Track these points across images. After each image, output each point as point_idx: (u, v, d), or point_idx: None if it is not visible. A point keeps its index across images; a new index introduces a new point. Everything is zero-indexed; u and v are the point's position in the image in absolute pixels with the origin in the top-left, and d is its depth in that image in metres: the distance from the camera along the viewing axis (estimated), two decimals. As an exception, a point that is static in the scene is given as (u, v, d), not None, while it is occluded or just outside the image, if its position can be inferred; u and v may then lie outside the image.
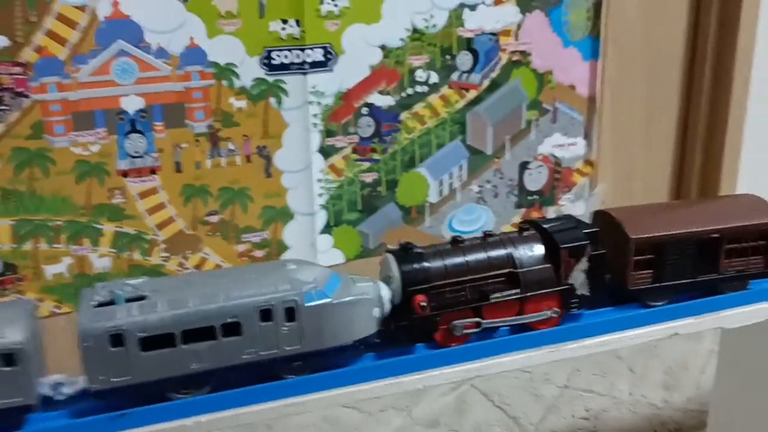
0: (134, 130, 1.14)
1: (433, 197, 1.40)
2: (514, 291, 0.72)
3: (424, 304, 0.68)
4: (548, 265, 0.73)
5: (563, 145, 1.48)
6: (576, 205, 1.53)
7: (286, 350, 0.65)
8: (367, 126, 1.30)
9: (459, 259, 0.71)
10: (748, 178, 1.60)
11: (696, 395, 1.15)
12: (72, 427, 0.64)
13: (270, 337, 0.65)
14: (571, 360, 0.72)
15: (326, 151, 1.28)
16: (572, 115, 1.46)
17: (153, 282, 0.66)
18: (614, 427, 1.09)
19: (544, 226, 0.76)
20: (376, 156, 1.33)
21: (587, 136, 1.49)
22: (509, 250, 0.73)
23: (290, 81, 1.22)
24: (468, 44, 1.33)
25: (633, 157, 1.56)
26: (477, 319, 0.70)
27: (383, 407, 1.14)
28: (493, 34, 1.34)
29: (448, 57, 1.32)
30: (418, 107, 1.33)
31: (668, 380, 1.23)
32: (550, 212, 1.50)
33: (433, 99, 1.34)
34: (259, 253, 1.28)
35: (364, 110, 1.29)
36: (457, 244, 0.73)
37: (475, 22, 1.32)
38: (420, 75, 1.31)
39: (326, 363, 0.69)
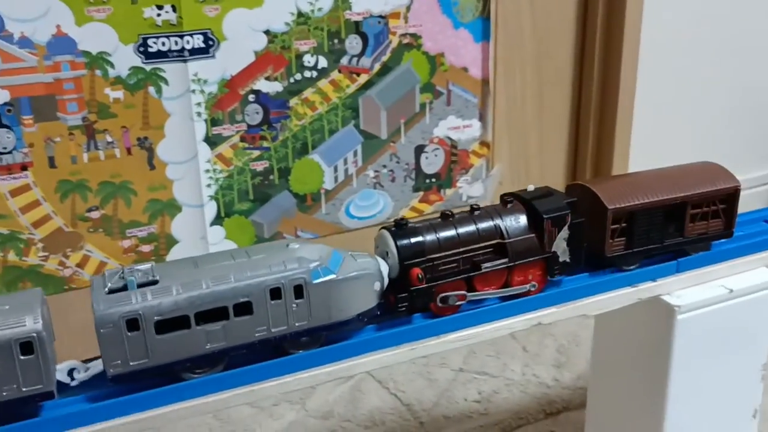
0: (0, 125, 1.08)
1: (328, 184, 1.38)
2: (502, 260, 0.76)
3: (421, 276, 0.71)
4: (532, 235, 0.77)
5: (458, 127, 1.48)
6: (473, 187, 1.54)
7: (295, 326, 0.68)
8: (255, 113, 1.27)
9: (451, 232, 0.75)
10: (640, 154, 1.64)
11: (585, 372, 1.17)
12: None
13: (280, 315, 0.67)
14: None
15: (212, 141, 1.25)
16: (466, 97, 1.46)
17: (161, 267, 0.67)
18: (504, 408, 1.10)
19: (526, 197, 0.80)
20: (266, 144, 1.30)
21: (482, 118, 1.49)
22: (496, 221, 0.77)
23: (170, 69, 1.17)
24: (356, 27, 1.31)
25: (528, 137, 1.58)
26: (468, 292, 0.75)
27: (276, 401, 1.12)
28: (382, 16, 1.32)
29: (336, 41, 1.30)
30: (308, 93, 1.31)
31: (560, 358, 1.26)
32: (465, 190, 1.51)
33: (323, 84, 1.32)
34: (146, 248, 1.24)
35: (251, 97, 1.26)
36: (447, 218, 0.76)
37: (362, 5, 1.29)
38: (308, 60, 1.29)
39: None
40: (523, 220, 0.77)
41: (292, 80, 1.29)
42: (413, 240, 0.72)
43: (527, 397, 1.14)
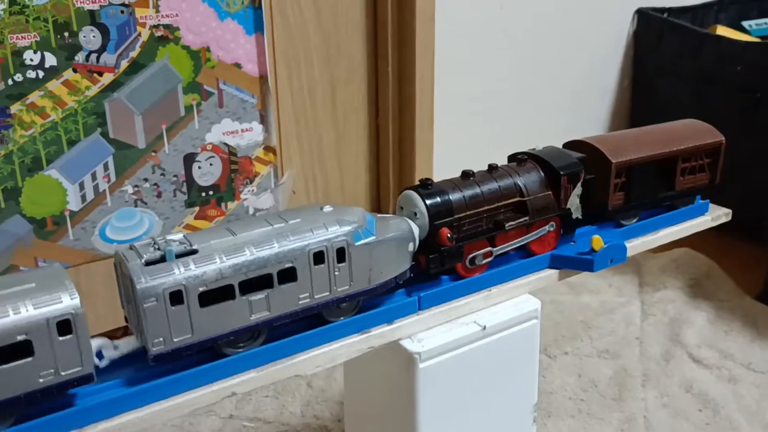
0: None
1: (74, 204, 1.16)
2: (523, 218, 0.76)
3: (451, 236, 0.70)
4: (549, 192, 0.78)
5: (236, 131, 1.30)
6: (261, 198, 1.37)
7: (337, 292, 0.64)
8: (-38, 124, 1.04)
9: (475, 191, 0.74)
10: (445, 150, 1.53)
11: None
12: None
13: (323, 280, 0.63)
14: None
15: None
16: (242, 97, 1.29)
17: (195, 236, 0.61)
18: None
19: (539, 155, 0.80)
20: (-18, 160, 1.07)
21: (264, 120, 1.32)
22: (515, 179, 0.77)
23: None
24: (92, 18, 1.10)
25: (321, 139, 1.42)
26: (492, 249, 0.75)
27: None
28: (125, 5, 1.12)
29: (67, 34, 1.08)
30: (35, 97, 1.09)
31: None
32: (252, 203, 1.33)
33: (55, 86, 1.10)
34: None
35: (-46, 105, 1.03)
36: (467, 177, 0.75)
37: (96, -8, 1.09)
38: (30, 57, 1.06)
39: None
40: (538, 177, 0.78)
41: (10, 82, 1.06)
42: (441, 199, 0.71)
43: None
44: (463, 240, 0.72)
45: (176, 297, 0.57)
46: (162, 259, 0.58)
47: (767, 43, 1.55)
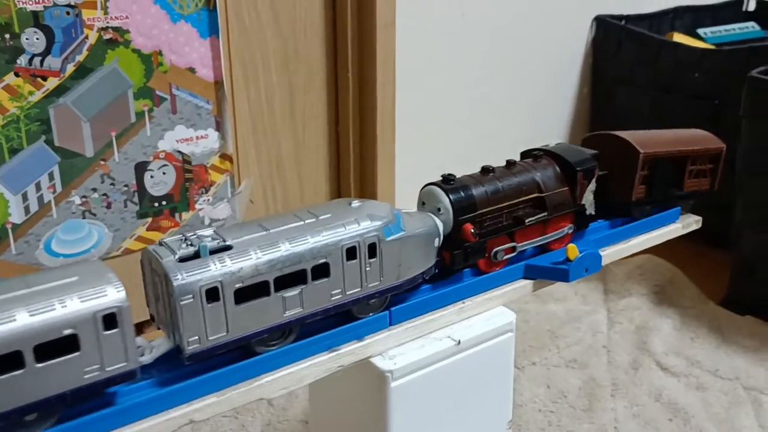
0: None
1: (16, 216, 1.09)
2: (542, 214, 0.76)
3: (474, 231, 0.70)
4: (566, 188, 0.79)
5: (191, 139, 1.24)
6: (218, 208, 1.32)
7: (368, 288, 0.64)
8: None
9: (496, 186, 0.74)
10: (407, 155, 1.49)
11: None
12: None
13: (354, 276, 0.62)
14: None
15: None
16: (197, 103, 1.23)
17: (226, 231, 0.60)
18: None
19: (554, 151, 0.80)
20: None
21: (220, 127, 1.27)
22: (533, 175, 0.77)
23: None
24: (36, 19, 1.04)
25: (280, 147, 1.38)
26: (513, 244, 0.75)
27: None
28: (71, 6, 1.06)
29: (8, 36, 1.02)
30: (-27, 103, 1.02)
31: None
32: (208, 213, 1.27)
33: (-5, 91, 1.03)
34: None
35: None
36: (487, 173, 0.75)
37: (40, -9, 1.03)
38: (-32, 60, 1.00)
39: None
40: (554, 173, 0.78)
41: (-54, 87, 0.99)
42: (465, 194, 0.71)
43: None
44: (485, 236, 0.72)
45: (212, 294, 0.55)
46: (196, 255, 0.56)
47: (725, 50, 1.56)
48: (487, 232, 0.72)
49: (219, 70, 1.24)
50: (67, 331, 0.49)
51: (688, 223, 0.93)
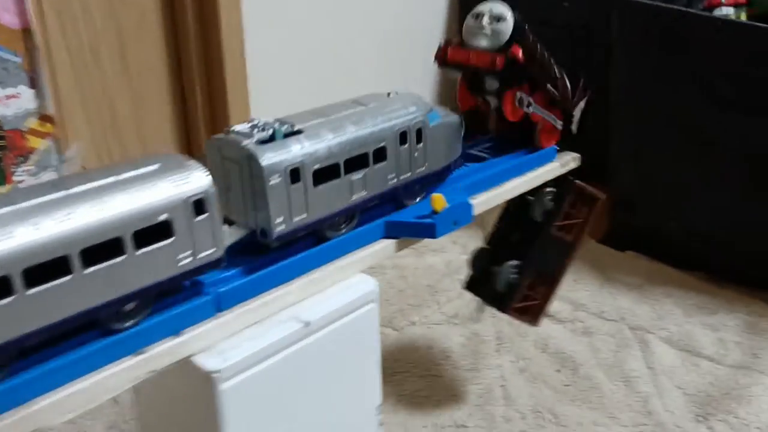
0: None
1: None
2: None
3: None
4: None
5: (-2, 99, 1.05)
6: (43, 179, 1.13)
7: (417, 173, 0.66)
8: None
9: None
10: (263, 93, 1.34)
11: None
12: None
13: (405, 160, 0.64)
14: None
15: None
16: (3, 56, 1.03)
17: (289, 118, 0.59)
18: None
19: None
20: None
21: (34, 84, 1.08)
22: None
23: None
24: None
25: (114, 101, 1.20)
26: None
27: None
28: None
29: None
30: None
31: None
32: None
33: None
34: None
35: None
36: None
37: None
38: None
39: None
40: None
41: None
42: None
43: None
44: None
45: (295, 174, 0.56)
46: (271, 140, 0.56)
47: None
48: None
49: (25, 15, 1.04)
50: (162, 217, 0.48)
51: (566, 161, 0.84)
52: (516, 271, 0.85)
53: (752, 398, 0.96)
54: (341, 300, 0.58)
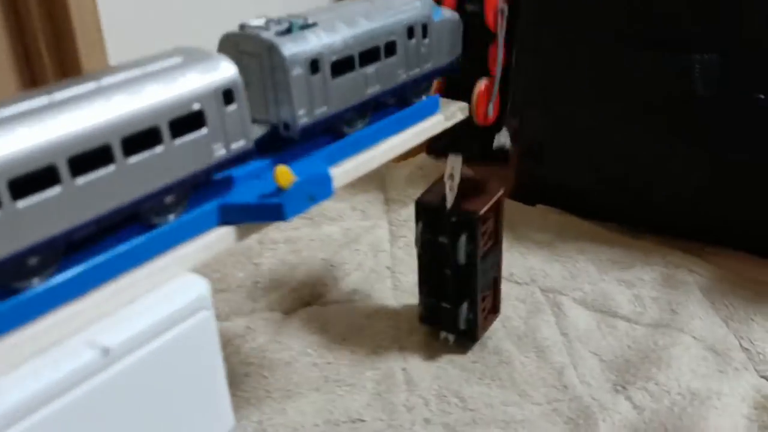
0: None
1: None
2: None
3: None
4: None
5: None
6: None
7: (424, 68, 0.67)
8: None
9: None
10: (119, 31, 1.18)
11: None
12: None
13: (413, 56, 0.66)
14: None
15: None
16: None
17: (302, 14, 0.59)
18: None
19: None
20: None
21: None
22: None
23: None
24: None
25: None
26: None
27: None
28: None
29: None
30: None
31: None
32: None
33: None
34: None
35: None
36: None
37: None
38: None
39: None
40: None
41: None
42: None
43: None
44: None
45: (314, 65, 0.56)
46: (288, 32, 0.56)
47: None
48: None
49: None
50: (196, 107, 0.48)
51: (453, 112, 0.72)
52: (469, 307, 0.87)
53: (672, 360, 0.88)
54: (159, 312, 0.45)
